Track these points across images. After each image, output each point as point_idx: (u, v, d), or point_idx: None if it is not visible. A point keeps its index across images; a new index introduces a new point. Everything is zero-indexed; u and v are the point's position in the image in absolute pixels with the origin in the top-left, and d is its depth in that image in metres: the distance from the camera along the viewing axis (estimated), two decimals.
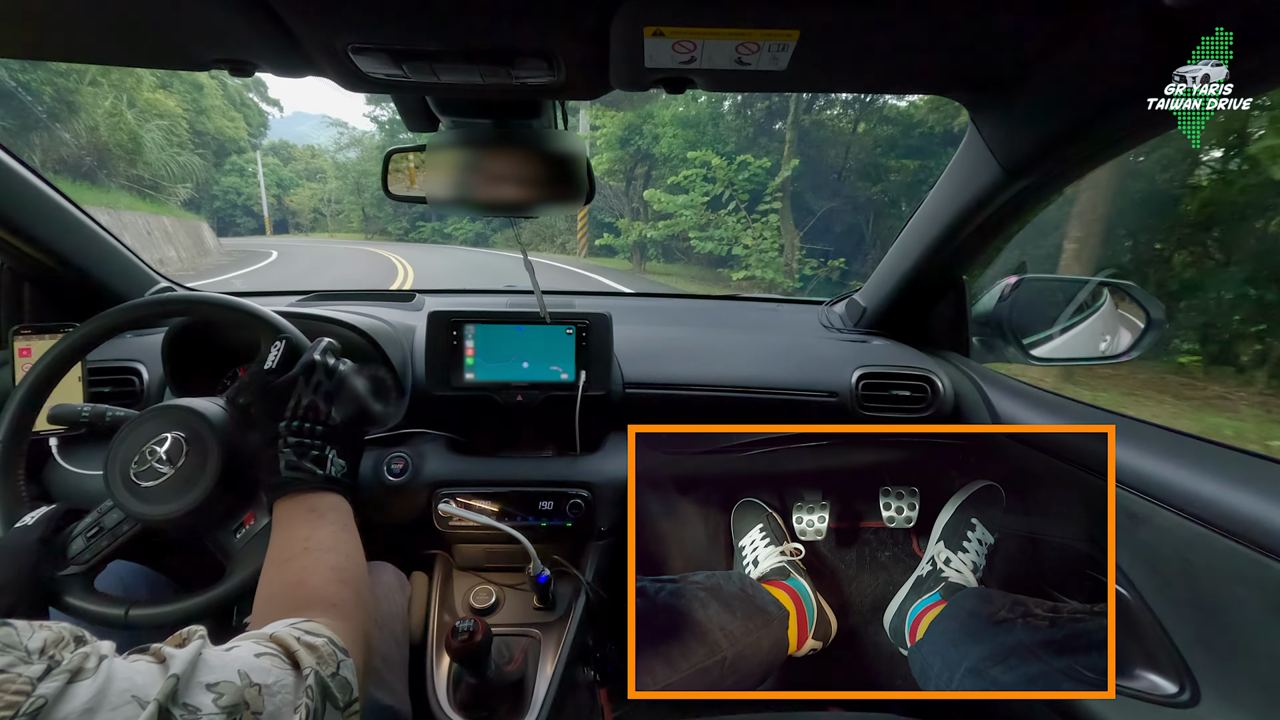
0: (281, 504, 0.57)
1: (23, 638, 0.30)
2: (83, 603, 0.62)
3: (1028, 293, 1.10)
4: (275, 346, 0.66)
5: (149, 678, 0.32)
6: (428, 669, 0.89)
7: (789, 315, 1.41)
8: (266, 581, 0.51)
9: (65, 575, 0.63)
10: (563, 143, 0.72)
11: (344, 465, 0.61)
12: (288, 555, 0.52)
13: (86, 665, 0.31)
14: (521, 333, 1.00)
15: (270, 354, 0.65)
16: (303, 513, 0.56)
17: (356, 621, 0.48)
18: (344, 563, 0.53)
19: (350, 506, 0.60)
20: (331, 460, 0.60)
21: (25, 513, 0.65)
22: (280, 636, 0.41)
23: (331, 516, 0.56)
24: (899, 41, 0.57)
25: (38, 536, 0.62)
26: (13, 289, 1.07)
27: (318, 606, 0.47)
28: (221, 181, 29.07)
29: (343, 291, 1.37)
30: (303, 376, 0.63)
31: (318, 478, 0.58)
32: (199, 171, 20.18)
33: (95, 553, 0.64)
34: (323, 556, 0.52)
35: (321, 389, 0.63)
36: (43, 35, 0.61)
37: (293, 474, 0.57)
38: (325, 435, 0.61)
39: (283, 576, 0.50)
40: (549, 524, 0.99)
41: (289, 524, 0.55)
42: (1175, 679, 0.66)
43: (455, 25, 0.53)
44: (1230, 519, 0.61)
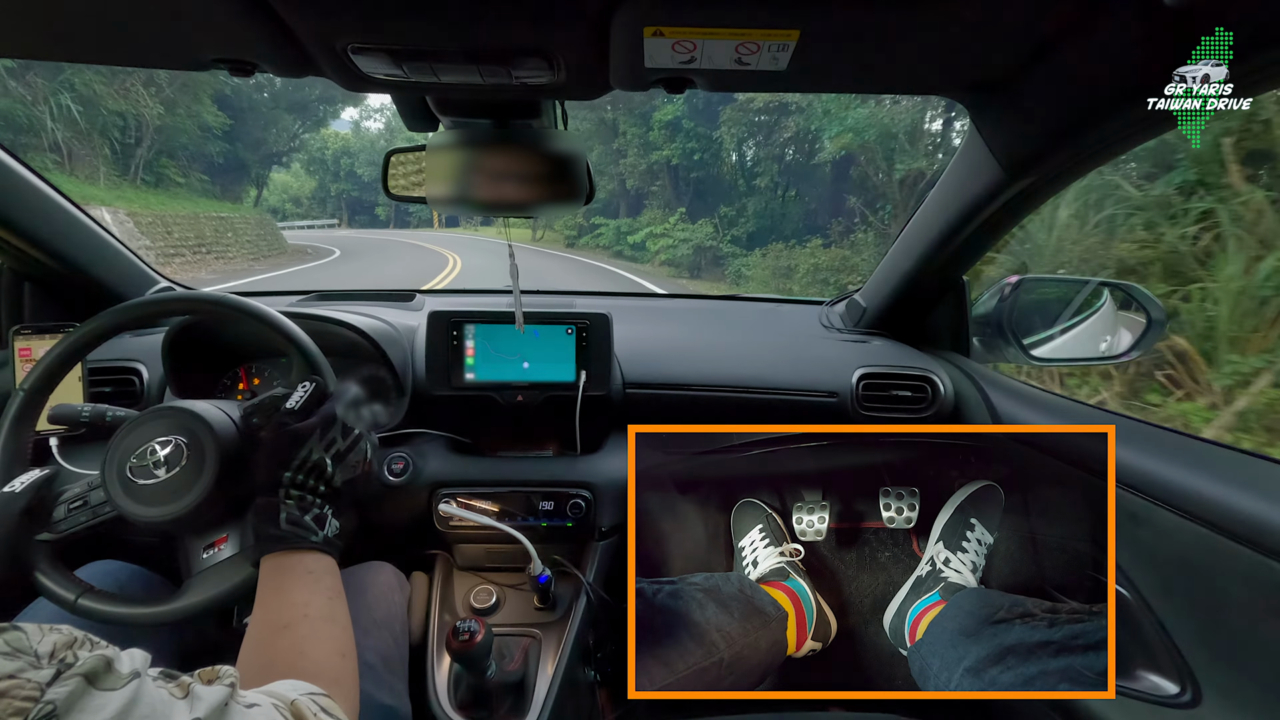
0: (274, 558, 0.56)
1: (32, 641, 0.30)
2: (43, 575, 0.62)
3: (1028, 293, 1.10)
4: (303, 387, 0.65)
5: (171, 711, 0.32)
6: (428, 669, 0.89)
7: (789, 315, 1.41)
8: (265, 642, 0.51)
9: (38, 540, 0.63)
10: (563, 143, 0.72)
11: (338, 526, 0.61)
12: (287, 620, 0.52)
13: (116, 669, 0.31)
14: (522, 333, 1.00)
15: (297, 393, 0.65)
16: (300, 574, 0.55)
17: (354, 702, 0.50)
18: (342, 635, 0.53)
19: (339, 571, 0.59)
20: (329, 520, 0.60)
21: (20, 473, 0.65)
22: (300, 708, 0.41)
23: (327, 582, 0.56)
24: (899, 42, 0.57)
25: (22, 506, 0.62)
26: (13, 289, 1.07)
27: (323, 680, 0.47)
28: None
29: (343, 291, 1.37)
30: (320, 429, 0.62)
31: (316, 537, 0.58)
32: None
33: (72, 525, 0.65)
34: (323, 627, 0.52)
35: (334, 448, 0.62)
36: (42, 35, 0.61)
37: (291, 529, 0.57)
38: (326, 496, 0.61)
39: (284, 642, 0.50)
40: (549, 524, 0.99)
41: (285, 585, 0.55)
42: (1175, 679, 0.66)
43: (455, 25, 0.53)
44: (1230, 519, 0.61)
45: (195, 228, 13.30)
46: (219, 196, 17.27)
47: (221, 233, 14.43)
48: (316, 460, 0.61)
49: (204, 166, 17.42)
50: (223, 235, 14.40)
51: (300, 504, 0.58)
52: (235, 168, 18.95)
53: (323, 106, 21.77)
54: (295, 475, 0.59)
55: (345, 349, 0.99)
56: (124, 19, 0.56)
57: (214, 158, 17.49)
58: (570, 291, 1.44)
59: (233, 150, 18.19)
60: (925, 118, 10.21)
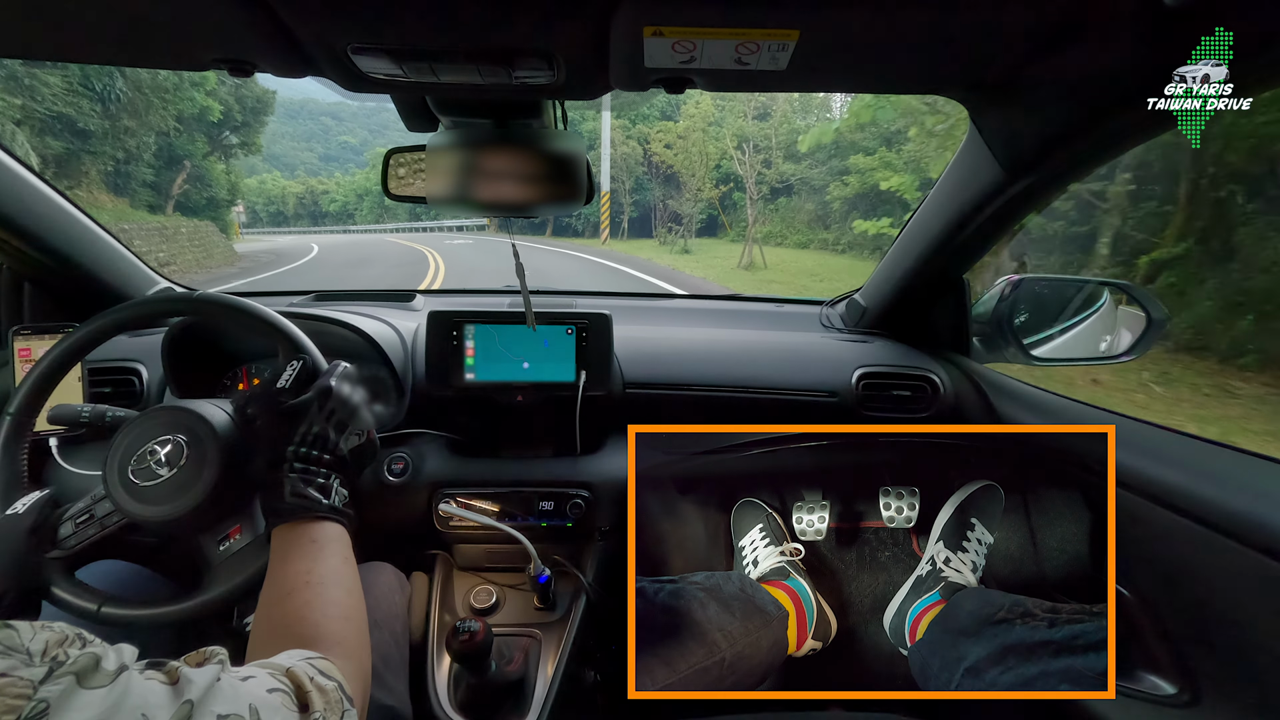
0: (281, 531, 0.57)
1: (24, 639, 0.30)
2: (59, 590, 0.62)
3: (1028, 293, 1.10)
4: (291, 366, 0.66)
5: (161, 699, 0.32)
6: (428, 669, 0.89)
7: (789, 315, 1.41)
8: (266, 613, 0.51)
9: (49, 558, 0.63)
10: (563, 142, 0.72)
11: (346, 495, 0.61)
12: (289, 588, 0.52)
13: (104, 667, 0.31)
14: (535, 331, 1.00)
15: (285, 372, 0.65)
16: (304, 543, 0.55)
17: (359, 662, 0.49)
18: (346, 598, 0.53)
19: (350, 538, 0.59)
20: (335, 489, 0.60)
21: (20, 496, 0.65)
22: (295, 673, 0.40)
23: (333, 549, 0.56)
24: (899, 42, 0.57)
25: (28, 526, 0.62)
26: (13, 289, 1.07)
27: (323, 644, 0.47)
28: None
29: (343, 291, 1.37)
30: (317, 403, 0.62)
31: (322, 506, 0.58)
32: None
33: (81, 540, 0.65)
34: (325, 591, 0.52)
35: (334, 418, 0.62)
36: (42, 35, 0.61)
37: (297, 500, 0.57)
38: (332, 465, 0.61)
39: (285, 610, 0.50)
40: (549, 524, 0.99)
41: (290, 554, 0.55)
42: (1175, 679, 0.66)
43: (455, 25, 0.53)
44: (1230, 519, 0.61)
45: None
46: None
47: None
48: (319, 431, 0.61)
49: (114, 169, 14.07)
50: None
51: (304, 476, 0.58)
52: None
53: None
54: (298, 449, 0.60)
55: (345, 349, 0.99)
56: (123, 19, 0.56)
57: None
58: (570, 291, 1.44)
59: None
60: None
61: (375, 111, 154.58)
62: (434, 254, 15.61)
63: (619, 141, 22.29)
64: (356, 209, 55.74)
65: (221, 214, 18.48)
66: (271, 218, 65.96)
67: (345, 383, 0.66)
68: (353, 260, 15.51)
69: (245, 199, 32.33)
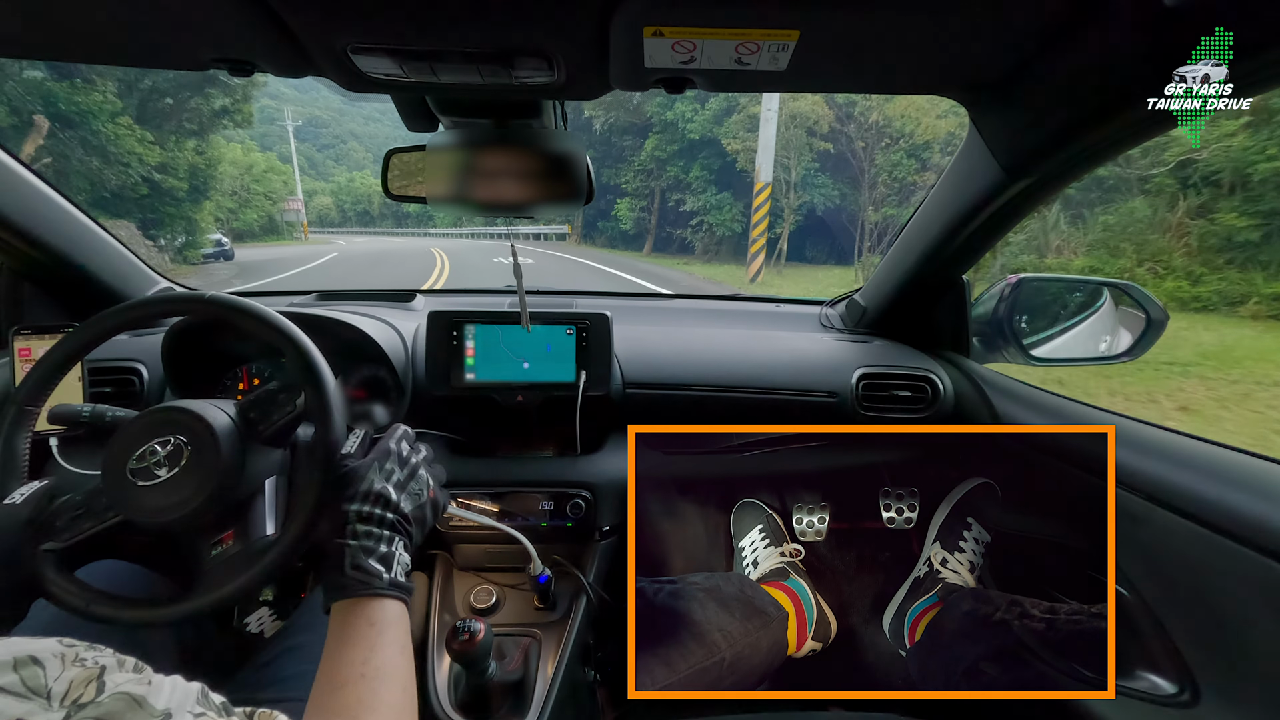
0: (341, 607, 0.55)
1: (49, 679, 0.29)
2: (51, 584, 0.62)
3: (1028, 293, 1.10)
4: (354, 434, 0.66)
5: None
6: (428, 669, 0.89)
7: (789, 315, 1.41)
8: (320, 701, 0.50)
9: (43, 550, 0.63)
10: (562, 142, 0.72)
11: (409, 563, 0.60)
12: (344, 680, 0.51)
13: (150, 706, 0.29)
14: (529, 332, 1.00)
15: (350, 440, 0.65)
16: (362, 626, 0.54)
17: None
18: (399, 697, 0.52)
19: (408, 615, 0.58)
20: (398, 559, 0.59)
21: (19, 487, 0.65)
22: None
23: (391, 635, 0.55)
24: (899, 42, 0.57)
25: (25, 517, 0.61)
26: (13, 289, 1.07)
27: None
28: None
29: (344, 291, 1.37)
30: (377, 462, 0.62)
31: (382, 582, 0.56)
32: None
33: (75, 534, 0.64)
34: (379, 688, 0.51)
35: (392, 478, 0.62)
36: (41, 34, 0.61)
37: (356, 575, 0.56)
38: (394, 526, 0.60)
39: (339, 702, 0.50)
40: (549, 524, 0.99)
41: (347, 638, 0.54)
42: (1175, 679, 0.66)
43: (455, 25, 0.53)
44: (1230, 519, 0.61)
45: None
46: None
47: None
48: (379, 490, 0.60)
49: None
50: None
51: (365, 543, 0.57)
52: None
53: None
54: (360, 507, 0.59)
55: (345, 349, 0.99)
56: (123, 19, 0.56)
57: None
58: (570, 291, 1.44)
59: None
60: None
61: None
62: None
63: (786, 99, 11.34)
64: (436, 211, 55.52)
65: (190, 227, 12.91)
66: (359, 217, 65.13)
67: (404, 442, 0.66)
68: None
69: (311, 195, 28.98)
